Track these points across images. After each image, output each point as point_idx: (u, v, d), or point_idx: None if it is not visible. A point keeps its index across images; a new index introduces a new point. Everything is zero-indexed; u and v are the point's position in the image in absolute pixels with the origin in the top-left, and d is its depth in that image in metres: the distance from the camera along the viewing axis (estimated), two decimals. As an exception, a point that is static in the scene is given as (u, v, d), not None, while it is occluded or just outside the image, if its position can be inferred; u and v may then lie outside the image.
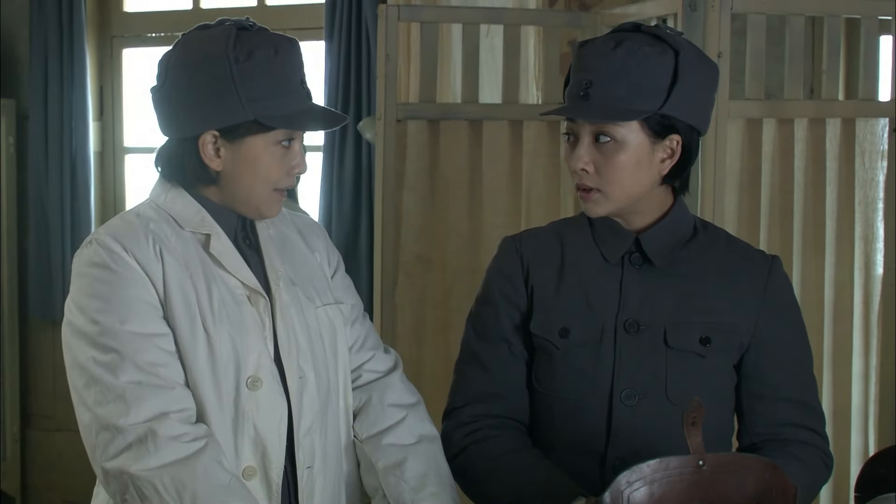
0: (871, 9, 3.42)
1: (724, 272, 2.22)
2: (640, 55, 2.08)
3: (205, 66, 2.04)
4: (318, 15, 4.75)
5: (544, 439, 2.24)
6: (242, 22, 2.10)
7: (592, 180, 2.13)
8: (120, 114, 5.40)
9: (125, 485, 1.97)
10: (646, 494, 1.81)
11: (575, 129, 2.14)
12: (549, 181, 3.51)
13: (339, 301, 2.26)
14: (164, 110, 2.11)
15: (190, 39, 2.10)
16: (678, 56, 2.09)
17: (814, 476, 2.22)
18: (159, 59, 2.12)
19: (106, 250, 2.05)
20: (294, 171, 2.13)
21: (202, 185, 2.13)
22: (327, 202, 4.69)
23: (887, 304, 3.42)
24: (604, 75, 2.08)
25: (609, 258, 2.21)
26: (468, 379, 2.29)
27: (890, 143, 3.41)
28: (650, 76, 2.09)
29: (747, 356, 2.22)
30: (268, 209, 2.14)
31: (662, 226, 2.20)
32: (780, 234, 3.30)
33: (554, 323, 2.21)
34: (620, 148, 2.11)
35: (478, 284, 2.36)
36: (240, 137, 2.07)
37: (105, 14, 5.38)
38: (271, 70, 2.04)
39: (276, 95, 2.05)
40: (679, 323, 2.17)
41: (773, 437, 2.22)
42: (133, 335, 2.01)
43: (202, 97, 2.05)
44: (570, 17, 3.83)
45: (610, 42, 2.10)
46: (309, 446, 2.14)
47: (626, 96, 2.08)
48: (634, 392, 2.16)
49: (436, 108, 3.45)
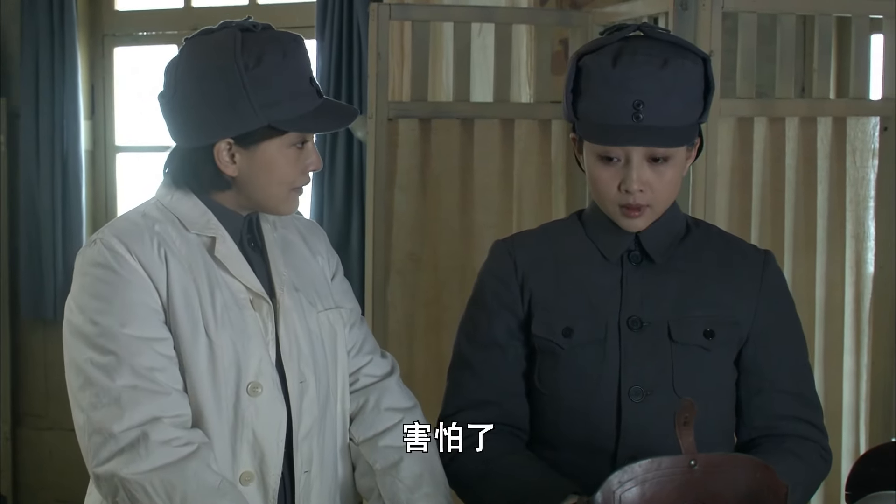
0: (863, 7, 3.42)
1: (720, 267, 2.23)
2: (686, 71, 2.09)
3: (215, 75, 2.02)
4: (309, 13, 4.75)
5: (550, 442, 2.23)
6: (245, 24, 2.08)
7: (647, 198, 2.13)
8: (111, 112, 5.39)
9: (116, 488, 1.97)
10: (637, 494, 1.81)
11: (623, 151, 2.11)
12: (541, 180, 3.51)
13: (339, 305, 2.26)
14: (175, 119, 2.09)
15: (195, 46, 2.08)
16: (706, 64, 2.13)
17: (812, 473, 2.23)
18: (166, 66, 2.10)
19: (110, 251, 2.04)
20: (309, 170, 2.13)
21: (215, 192, 2.12)
22: (318, 201, 4.69)
23: (878, 302, 3.43)
24: (654, 95, 2.06)
25: (608, 256, 2.21)
26: (461, 385, 2.28)
27: (881, 141, 3.41)
28: (693, 89, 2.11)
29: (745, 350, 2.23)
30: (286, 207, 2.15)
31: (660, 224, 2.20)
32: (772, 233, 3.31)
33: (556, 323, 2.20)
34: (671, 165, 2.12)
35: (470, 283, 2.35)
36: (254, 143, 2.06)
37: (96, 12, 5.36)
38: (281, 74, 2.04)
39: (288, 98, 2.04)
40: (682, 318, 2.18)
41: (771, 432, 2.23)
42: (132, 339, 2.00)
43: (214, 106, 2.03)
44: (562, 15, 3.82)
45: (656, 60, 2.07)
46: (307, 451, 2.14)
47: (678, 114, 2.09)
48: (642, 389, 2.16)
49: (427, 107, 3.45)
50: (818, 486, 2.32)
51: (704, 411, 2.10)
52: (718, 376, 2.21)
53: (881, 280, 3.42)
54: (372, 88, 3.37)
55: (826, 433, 2.29)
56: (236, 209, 2.14)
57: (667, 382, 2.16)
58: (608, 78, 2.08)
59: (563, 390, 2.20)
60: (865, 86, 3.48)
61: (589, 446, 2.18)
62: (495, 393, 2.25)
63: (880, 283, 3.42)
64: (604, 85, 2.09)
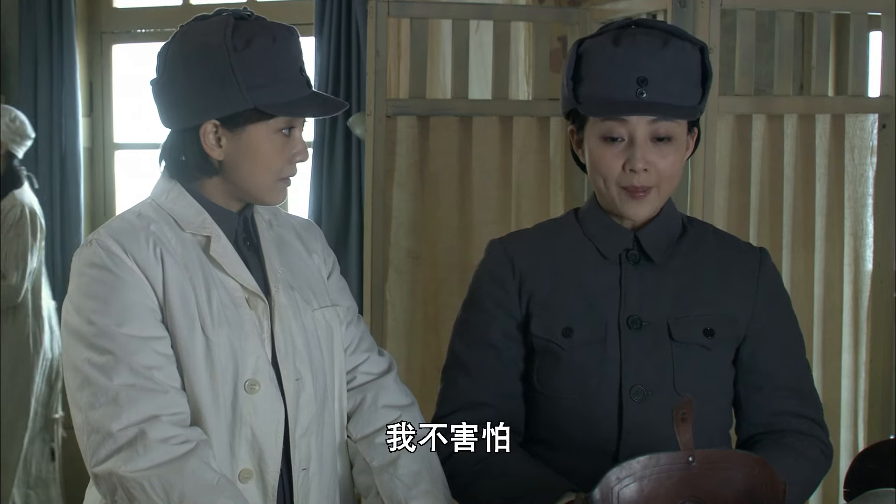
0: (861, 4, 3.42)
1: (717, 265, 2.24)
2: (686, 54, 2.12)
3: (204, 56, 2.03)
4: (307, 10, 4.75)
5: (550, 442, 2.23)
6: (240, 12, 2.09)
7: (651, 179, 2.13)
8: (110, 110, 5.40)
9: (114, 486, 1.97)
10: (635, 490, 1.81)
11: (624, 130, 2.12)
12: (539, 177, 3.51)
13: (335, 303, 2.25)
14: (164, 101, 2.10)
15: (188, 30, 2.09)
16: (703, 52, 2.14)
17: (813, 468, 2.23)
18: (158, 51, 2.11)
19: (106, 251, 2.04)
20: (296, 159, 2.12)
21: (204, 178, 2.12)
22: (317, 198, 4.69)
23: (877, 300, 3.43)
24: (658, 73, 2.09)
25: (607, 255, 2.21)
26: (455, 387, 2.28)
27: (879, 138, 3.41)
28: (693, 73, 2.13)
29: (743, 347, 2.23)
30: (272, 197, 2.14)
31: (657, 222, 2.21)
32: (770, 230, 3.31)
33: (556, 323, 2.20)
34: (674, 146, 2.13)
35: (468, 281, 2.35)
36: (241, 126, 2.06)
37: (94, 10, 5.37)
38: (270, 58, 2.04)
39: (275, 83, 2.05)
40: (681, 317, 2.18)
41: (771, 429, 2.23)
42: (129, 338, 2.00)
43: (202, 87, 2.04)
44: (560, 12, 3.82)
45: (656, 40, 2.10)
46: (305, 449, 2.13)
47: (680, 94, 2.11)
48: (643, 388, 2.15)
49: (425, 105, 3.45)
50: (819, 481, 2.32)
51: (705, 410, 2.11)
52: (718, 375, 2.21)
53: (879, 277, 3.42)
54: (370, 86, 3.37)
55: (826, 429, 2.29)
56: (227, 202, 2.14)
57: (667, 381, 2.16)
58: (611, 57, 2.11)
59: (562, 391, 2.20)
60: (864, 83, 3.47)
61: (590, 447, 2.17)
62: (490, 395, 2.24)
63: (878, 280, 3.42)
64: (608, 63, 2.11)
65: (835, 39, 3.99)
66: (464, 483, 2.20)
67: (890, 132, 3.39)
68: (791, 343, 2.28)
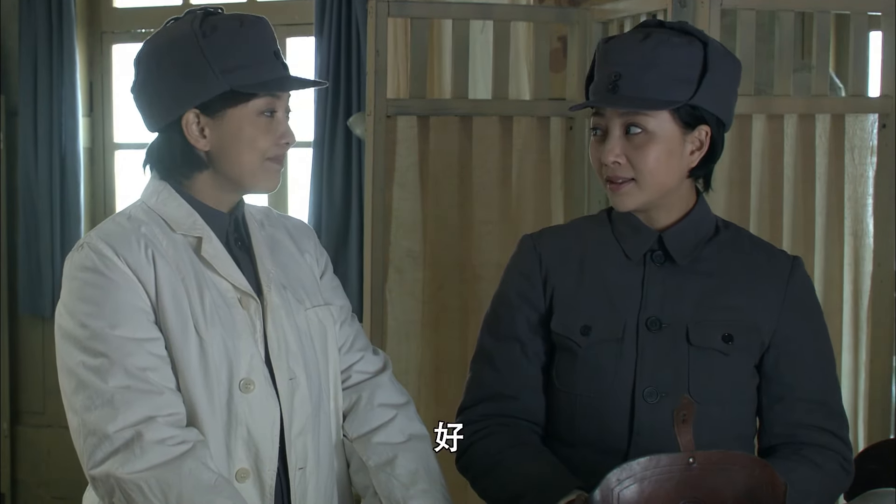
0: (861, 4, 3.42)
1: (745, 271, 2.21)
2: (670, 45, 2.09)
3: (174, 48, 2.05)
4: (307, 11, 4.75)
5: (566, 439, 2.23)
6: (210, 9, 2.11)
7: (625, 170, 2.12)
8: (110, 110, 5.39)
9: (112, 488, 1.97)
10: (636, 492, 1.81)
11: (603, 122, 2.13)
12: (539, 177, 3.51)
13: (328, 302, 2.26)
14: (143, 102, 2.12)
15: (158, 32, 2.12)
16: (706, 47, 2.11)
17: (829, 482, 2.19)
18: (132, 60, 2.13)
19: (97, 255, 2.04)
20: (281, 141, 2.12)
21: (195, 174, 2.12)
22: (317, 198, 4.69)
23: (877, 300, 3.43)
24: (633, 67, 2.08)
25: (631, 256, 2.20)
26: (480, 378, 2.29)
27: (879, 138, 3.41)
28: (680, 66, 2.09)
29: (767, 356, 2.20)
30: (263, 181, 2.13)
31: (685, 224, 2.20)
32: (770, 231, 3.30)
33: (575, 321, 2.20)
34: (651, 139, 2.10)
35: (468, 280, 2.35)
36: (220, 111, 2.07)
37: (95, 10, 5.36)
38: (240, 40, 2.05)
39: (249, 65, 2.05)
40: (701, 321, 2.17)
41: (791, 440, 2.20)
42: (123, 340, 2.00)
43: (176, 78, 2.05)
44: (560, 12, 3.82)
45: (638, 35, 2.11)
46: (301, 448, 2.14)
47: (656, 87, 2.08)
48: (657, 390, 2.15)
49: (426, 104, 3.45)
50: (838, 495, 2.29)
51: (720, 415, 2.11)
52: (736, 381, 2.19)
53: (879, 277, 3.42)
54: (370, 85, 3.37)
55: (850, 445, 2.25)
56: (218, 201, 2.15)
57: (682, 385, 2.14)
58: (602, 54, 2.14)
59: (579, 388, 2.20)
60: (864, 83, 3.47)
61: (602, 445, 2.17)
62: (514, 387, 2.25)
63: (878, 280, 3.42)
64: (599, 61, 2.15)
65: (835, 39, 3.99)
66: (479, 473, 2.21)
67: (890, 132, 3.39)
68: (817, 355, 2.24)
